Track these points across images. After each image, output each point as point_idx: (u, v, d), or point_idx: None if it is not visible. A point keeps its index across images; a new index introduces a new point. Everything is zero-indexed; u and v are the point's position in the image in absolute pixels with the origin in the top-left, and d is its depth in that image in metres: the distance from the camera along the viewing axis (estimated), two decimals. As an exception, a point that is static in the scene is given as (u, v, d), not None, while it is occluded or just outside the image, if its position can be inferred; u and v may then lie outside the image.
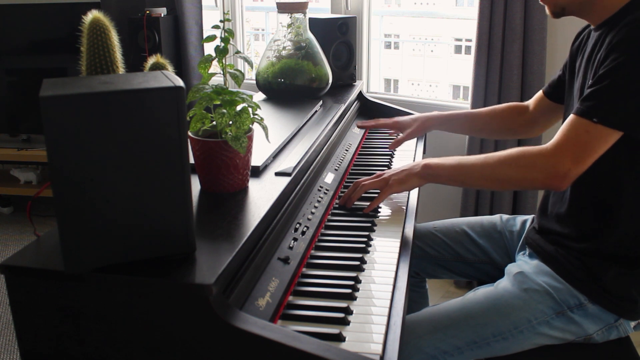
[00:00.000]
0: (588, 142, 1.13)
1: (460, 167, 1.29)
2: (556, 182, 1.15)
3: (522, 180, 1.22)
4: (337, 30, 2.03)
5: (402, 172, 1.34)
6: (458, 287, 2.61)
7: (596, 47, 1.23)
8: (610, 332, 1.24)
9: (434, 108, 2.60)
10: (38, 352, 0.90)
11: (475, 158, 1.28)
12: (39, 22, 3.24)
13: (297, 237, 1.14)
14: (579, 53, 1.36)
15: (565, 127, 1.17)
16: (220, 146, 1.08)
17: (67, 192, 0.79)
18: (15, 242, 3.03)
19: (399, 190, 1.34)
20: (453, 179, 1.31)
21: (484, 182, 1.30)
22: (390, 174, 1.35)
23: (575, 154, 1.13)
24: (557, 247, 1.28)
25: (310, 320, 0.95)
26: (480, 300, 1.26)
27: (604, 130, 1.12)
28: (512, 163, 1.21)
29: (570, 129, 1.15)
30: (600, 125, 1.12)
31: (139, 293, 0.85)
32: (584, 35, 1.37)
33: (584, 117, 1.13)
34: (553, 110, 1.54)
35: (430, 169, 1.31)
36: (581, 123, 1.14)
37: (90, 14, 1.04)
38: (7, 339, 2.26)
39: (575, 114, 1.16)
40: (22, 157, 3.23)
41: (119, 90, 0.80)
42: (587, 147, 1.13)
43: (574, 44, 1.41)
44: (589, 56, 1.26)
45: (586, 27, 1.39)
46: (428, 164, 1.32)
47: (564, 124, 1.18)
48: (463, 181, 1.33)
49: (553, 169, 1.15)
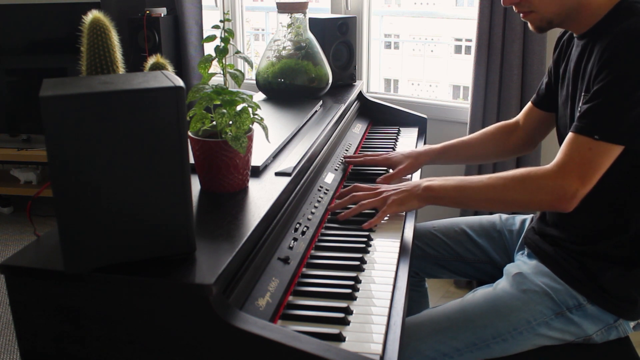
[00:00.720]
0: (592, 160, 1.12)
1: (463, 189, 1.26)
2: (564, 204, 1.14)
3: (529, 203, 1.20)
4: (337, 30, 2.03)
5: (402, 192, 1.29)
6: (458, 286, 2.61)
7: (584, 56, 1.22)
8: (610, 333, 1.24)
9: (434, 108, 2.61)
10: (38, 352, 0.90)
11: (478, 180, 1.25)
12: (39, 22, 3.24)
13: (297, 237, 1.14)
14: (562, 58, 1.35)
15: (567, 146, 1.15)
16: (220, 146, 1.08)
17: (67, 192, 0.79)
18: (15, 242, 3.03)
19: (398, 211, 1.29)
20: (455, 201, 1.28)
21: (488, 205, 1.27)
22: (390, 193, 1.30)
23: (581, 173, 1.12)
24: (556, 247, 1.28)
25: (310, 320, 0.95)
26: (479, 302, 1.26)
27: (606, 147, 1.11)
28: (518, 186, 1.19)
29: (572, 147, 1.14)
30: (602, 141, 1.11)
31: (139, 293, 0.85)
32: (564, 41, 1.36)
33: (585, 134, 1.12)
34: (545, 120, 1.49)
35: (432, 191, 1.27)
36: (583, 141, 1.13)
37: (90, 14, 1.04)
38: (7, 339, 2.26)
39: (574, 132, 1.14)
40: (22, 157, 3.23)
41: (119, 90, 0.80)
42: (592, 165, 1.12)
43: (555, 50, 1.40)
44: (576, 65, 1.25)
45: (565, 32, 1.37)
46: (429, 186, 1.27)
47: (565, 142, 1.16)
48: (466, 203, 1.29)
49: (561, 190, 1.13)
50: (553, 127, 1.47)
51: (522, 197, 1.19)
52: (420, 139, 1.94)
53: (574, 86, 1.26)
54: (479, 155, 1.64)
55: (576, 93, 1.25)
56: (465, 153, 1.62)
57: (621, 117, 1.11)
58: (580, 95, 1.21)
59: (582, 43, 1.24)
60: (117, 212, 0.83)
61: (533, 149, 1.61)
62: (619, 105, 1.11)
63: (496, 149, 1.61)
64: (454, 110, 2.60)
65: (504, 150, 1.61)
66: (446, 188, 1.27)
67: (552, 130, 1.51)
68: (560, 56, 1.36)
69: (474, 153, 1.63)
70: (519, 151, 1.63)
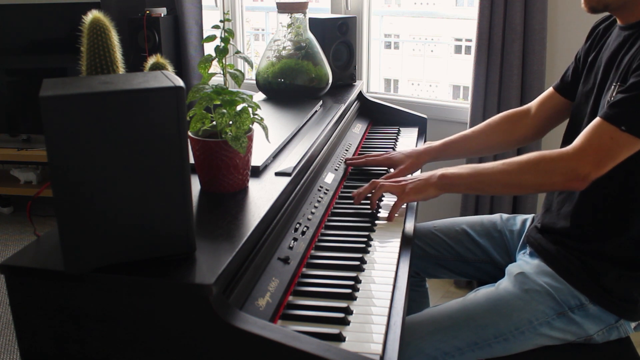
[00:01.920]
0: (611, 149, 1.12)
1: (478, 175, 1.27)
2: (576, 184, 1.15)
3: (543, 184, 1.21)
4: (337, 30, 2.03)
5: (419, 182, 1.32)
6: (458, 286, 2.61)
7: (624, 46, 1.21)
8: (611, 333, 1.24)
9: (434, 108, 2.61)
10: (38, 352, 0.90)
11: (492, 165, 1.26)
12: (39, 22, 3.24)
13: (297, 237, 1.14)
14: (595, 46, 1.34)
15: (590, 130, 1.15)
16: (220, 146, 1.08)
17: (67, 192, 0.79)
18: (15, 242, 3.03)
19: (415, 199, 1.32)
20: (471, 187, 1.30)
21: (504, 189, 1.29)
22: (408, 182, 1.33)
23: (597, 158, 1.13)
24: (559, 247, 1.28)
25: (310, 320, 0.95)
26: (481, 301, 1.26)
27: (630, 139, 1.11)
28: (532, 169, 1.20)
29: (595, 132, 1.14)
30: (627, 133, 1.11)
31: (139, 293, 0.85)
32: (600, 30, 1.35)
33: (612, 122, 1.12)
34: (563, 108, 1.47)
35: (447, 178, 1.29)
36: (607, 128, 1.13)
37: (90, 14, 1.04)
38: (7, 339, 2.26)
39: (602, 117, 1.14)
40: (22, 157, 3.23)
41: (119, 90, 0.79)
42: (610, 153, 1.12)
43: (589, 37, 1.39)
44: (613, 54, 1.24)
45: (603, 20, 1.37)
46: (445, 174, 1.29)
47: (589, 126, 1.16)
48: (482, 189, 1.32)
49: (574, 172, 1.14)
50: (567, 117, 1.44)
51: (536, 179, 1.21)
52: (420, 139, 1.94)
53: (604, 75, 1.25)
54: (482, 147, 1.62)
55: (606, 83, 1.24)
56: (467, 147, 1.60)
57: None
58: (611, 85, 1.20)
59: (626, 34, 1.23)
60: (117, 212, 0.83)
61: (538, 138, 1.59)
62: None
63: (501, 139, 1.58)
64: (454, 110, 2.60)
65: (509, 140, 1.58)
66: (461, 175, 1.28)
67: (564, 120, 1.48)
68: (593, 45, 1.36)
69: (476, 146, 1.60)
70: (525, 140, 1.60)
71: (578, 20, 1.28)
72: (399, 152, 1.58)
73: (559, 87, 1.49)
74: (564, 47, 2.29)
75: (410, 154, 1.56)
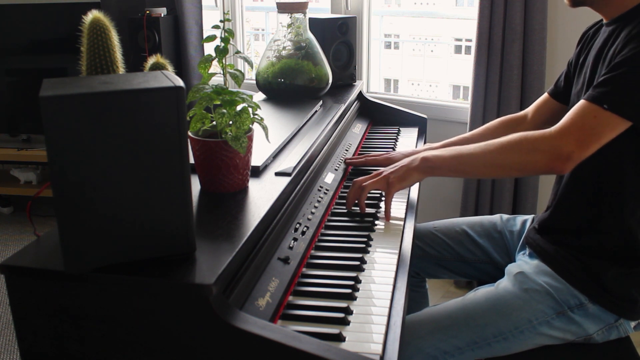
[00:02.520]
0: (594, 128, 1.11)
1: (460, 157, 1.26)
2: (559, 164, 1.14)
3: (525, 163, 1.19)
4: (337, 30, 2.03)
5: (400, 169, 1.31)
6: (458, 287, 2.61)
7: (609, 41, 1.22)
8: (611, 332, 1.24)
9: (434, 108, 2.61)
10: (38, 352, 0.90)
11: (474, 146, 1.25)
12: (39, 22, 3.24)
13: (297, 237, 1.14)
14: (584, 50, 1.35)
15: (573, 111, 1.15)
16: (220, 146, 1.08)
17: (67, 192, 0.79)
18: (15, 242, 3.03)
19: (401, 187, 1.31)
20: (453, 169, 1.28)
21: (486, 170, 1.27)
22: (389, 172, 1.32)
23: (580, 137, 1.12)
24: (558, 246, 1.28)
25: (310, 320, 0.95)
26: (480, 301, 1.26)
27: (613, 118, 1.11)
28: (514, 147, 1.19)
29: (578, 113, 1.14)
30: (610, 112, 1.10)
31: (139, 293, 0.85)
32: (589, 34, 1.36)
33: (594, 102, 1.12)
34: (558, 113, 1.47)
35: (429, 161, 1.28)
36: (590, 108, 1.12)
37: (90, 14, 1.04)
38: (7, 339, 2.26)
39: (585, 99, 1.14)
40: (22, 157, 3.23)
41: (119, 90, 0.79)
42: (593, 132, 1.11)
43: (580, 42, 1.40)
44: (599, 51, 1.25)
45: (592, 25, 1.38)
46: (426, 157, 1.28)
47: (573, 108, 1.16)
48: (464, 170, 1.29)
49: (556, 150, 1.13)
50: None
51: (519, 158, 1.19)
52: (420, 139, 1.94)
53: (592, 72, 1.26)
54: None
55: (594, 78, 1.24)
56: None
57: (636, 93, 1.10)
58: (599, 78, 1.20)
59: (610, 29, 1.24)
60: (117, 212, 0.83)
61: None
62: (636, 80, 1.10)
63: None
64: (454, 110, 2.60)
65: None
66: (444, 157, 1.27)
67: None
68: (583, 48, 1.36)
69: None
70: None
71: (578, 20, 1.29)
72: (398, 152, 1.58)
73: (553, 92, 1.51)
74: (564, 47, 2.29)
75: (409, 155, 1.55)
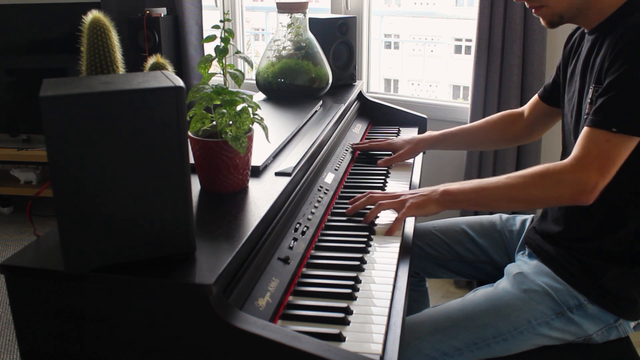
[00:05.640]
0: (610, 152, 1.11)
1: (482, 191, 1.24)
2: (584, 197, 1.13)
3: (550, 198, 1.19)
4: (337, 30, 2.03)
5: (420, 197, 1.28)
6: (458, 286, 2.61)
7: (593, 50, 1.23)
8: (610, 333, 1.24)
9: (434, 108, 2.61)
10: (38, 352, 0.90)
11: (496, 180, 1.24)
12: (39, 22, 3.24)
13: (297, 237, 1.14)
14: (572, 56, 1.35)
15: (584, 139, 1.14)
16: (220, 146, 1.08)
17: (67, 191, 0.79)
18: (15, 242, 3.03)
19: (416, 214, 1.28)
20: (475, 203, 1.26)
21: (509, 205, 1.25)
22: (408, 197, 1.29)
23: (600, 165, 1.12)
24: (557, 247, 1.28)
25: (310, 320, 0.95)
26: (479, 301, 1.26)
27: (624, 139, 1.11)
28: (537, 183, 1.18)
29: (590, 141, 1.13)
30: (620, 134, 1.11)
31: (139, 293, 0.85)
32: (576, 38, 1.37)
33: (602, 128, 1.12)
34: (549, 115, 1.53)
35: (450, 194, 1.26)
36: (600, 134, 1.12)
37: (90, 14, 1.04)
38: (7, 339, 2.26)
39: (591, 126, 1.14)
40: (22, 157, 3.22)
41: (119, 90, 0.80)
42: (611, 157, 1.12)
43: (566, 47, 1.40)
44: (585, 60, 1.26)
45: (577, 29, 1.39)
46: (447, 190, 1.26)
47: (582, 136, 1.15)
48: (486, 205, 1.27)
49: (581, 184, 1.12)
50: (555, 121, 1.51)
51: (543, 194, 1.19)
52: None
53: (582, 81, 1.26)
54: (479, 142, 1.72)
55: (584, 87, 1.24)
56: (465, 140, 1.69)
57: (637, 109, 1.11)
58: (589, 88, 1.21)
59: (592, 38, 1.24)
60: (117, 212, 0.83)
61: (533, 139, 1.67)
62: (635, 96, 1.11)
63: (497, 137, 1.66)
64: (454, 110, 2.60)
65: (504, 138, 1.66)
66: (464, 191, 1.26)
67: (554, 124, 1.56)
68: (571, 53, 1.37)
69: (474, 140, 1.70)
70: (519, 140, 1.70)
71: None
72: (399, 139, 1.72)
73: (542, 95, 1.54)
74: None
75: (409, 141, 1.69)
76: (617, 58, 1.13)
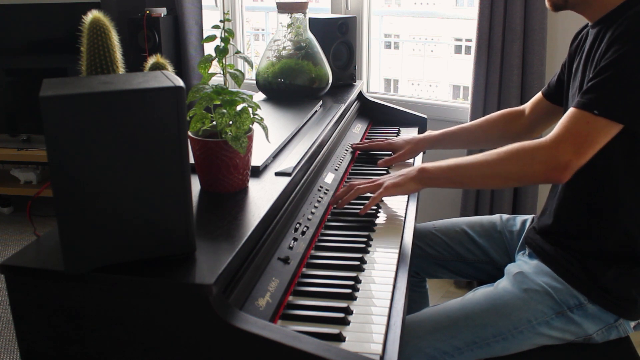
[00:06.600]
0: (589, 134, 1.12)
1: (458, 168, 1.27)
2: (557, 174, 1.14)
3: (523, 174, 1.20)
4: (337, 30, 2.03)
5: (398, 177, 1.33)
6: (458, 287, 2.61)
7: (595, 43, 1.23)
8: (610, 332, 1.24)
9: (434, 108, 2.61)
10: (38, 352, 0.90)
11: (472, 157, 1.27)
12: (39, 22, 3.24)
13: (297, 237, 1.14)
14: (578, 53, 1.36)
15: (565, 119, 1.16)
16: (220, 146, 1.08)
17: (67, 192, 0.79)
18: (15, 242, 3.03)
19: (394, 192, 1.31)
20: (451, 180, 1.30)
21: (484, 181, 1.28)
22: (386, 179, 1.34)
23: (576, 145, 1.12)
24: (557, 247, 1.28)
25: (310, 320, 0.95)
26: (480, 301, 1.26)
27: (605, 123, 1.11)
28: (512, 158, 1.20)
29: (571, 121, 1.14)
30: (601, 117, 1.11)
31: (139, 293, 0.85)
32: (582, 35, 1.37)
33: (585, 109, 1.13)
34: (552, 113, 1.53)
35: (427, 172, 1.30)
36: (582, 115, 1.13)
37: (90, 14, 1.04)
38: (7, 339, 2.26)
39: (575, 107, 1.15)
40: (22, 157, 3.22)
41: (119, 90, 0.80)
42: (588, 139, 1.12)
43: (573, 45, 1.41)
44: (587, 54, 1.26)
45: (584, 27, 1.39)
46: (424, 168, 1.30)
47: (564, 117, 1.17)
48: (462, 182, 1.31)
49: (554, 160, 1.14)
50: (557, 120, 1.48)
51: (516, 169, 1.20)
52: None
53: (582, 74, 1.26)
54: (479, 140, 1.70)
55: (584, 80, 1.24)
56: (465, 139, 1.69)
57: (623, 95, 1.11)
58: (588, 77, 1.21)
59: (595, 31, 1.24)
60: (117, 212, 0.83)
61: (533, 137, 1.64)
62: (624, 83, 1.11)
63: (497, 135, 1.66)
64: (454, 110, 2.60)
65: (505, 136, 1.65)
66: (441, 168, 1.29)
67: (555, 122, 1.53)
68: (577, 51, 1.37)
69: (474, 138, 1.69)
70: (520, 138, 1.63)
71: (578, 20, 1.28)
72: (400, 138, 1.71)
73: (546, 93, 1.54)
74: (564, 47, 2.28)
75: (410, 141, 1.69)
76: (613, 44, 1.13)
